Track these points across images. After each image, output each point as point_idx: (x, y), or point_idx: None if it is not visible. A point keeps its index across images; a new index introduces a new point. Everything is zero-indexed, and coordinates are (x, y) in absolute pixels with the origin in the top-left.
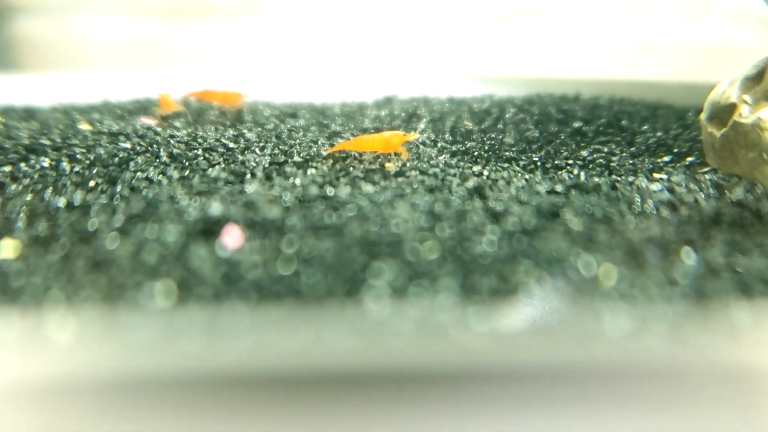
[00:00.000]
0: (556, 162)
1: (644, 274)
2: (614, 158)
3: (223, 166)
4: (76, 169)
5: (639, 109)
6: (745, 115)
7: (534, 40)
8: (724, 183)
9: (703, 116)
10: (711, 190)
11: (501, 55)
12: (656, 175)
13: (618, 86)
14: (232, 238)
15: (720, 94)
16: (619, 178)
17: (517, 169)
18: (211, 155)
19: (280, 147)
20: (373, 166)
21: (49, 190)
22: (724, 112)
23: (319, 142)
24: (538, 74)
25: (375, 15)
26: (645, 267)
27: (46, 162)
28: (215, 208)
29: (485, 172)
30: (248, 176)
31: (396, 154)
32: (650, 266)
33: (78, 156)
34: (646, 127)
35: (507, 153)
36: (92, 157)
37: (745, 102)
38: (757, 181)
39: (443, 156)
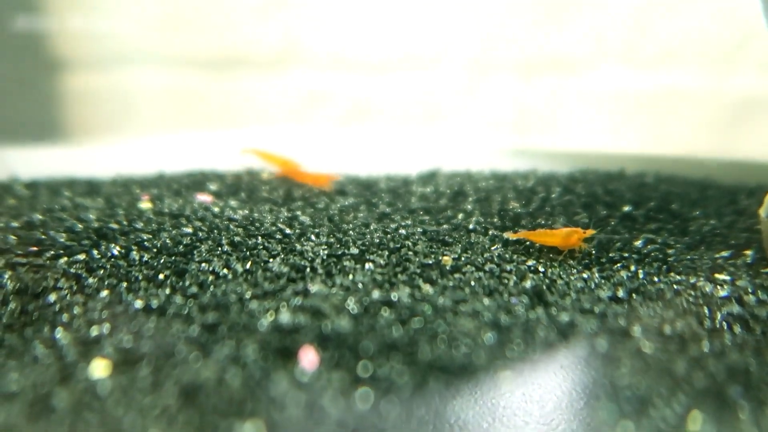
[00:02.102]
0: (610, 254)
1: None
2: (670, 251)
3: (282, 256)
4: (145, 258)
5: (688, 189)
6: None
7: (567, 107)
8: None
9: (762, 212)
10: None
11: (533, 124)
12: (718, 276)
13: (661, 162)
14: (309, 361)
15: None
16: (679, 278)
17: (572, 263)
18: (269, 243)
19: (335, 234)
20: (428, 260)
21: (124, 285)
22: None
23: (371, 227)
24: (576, 147)
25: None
26: (735, 411)
27: (116, 250)
28: (285, 316)
29: (540, 268)
30: (308, 271)
31: (576, 251)
32: (741, 409)
33: (145, 243)
34: (697, 213)
35: None
36: (159, 244)
37: None
38: None
39: (496, 246)
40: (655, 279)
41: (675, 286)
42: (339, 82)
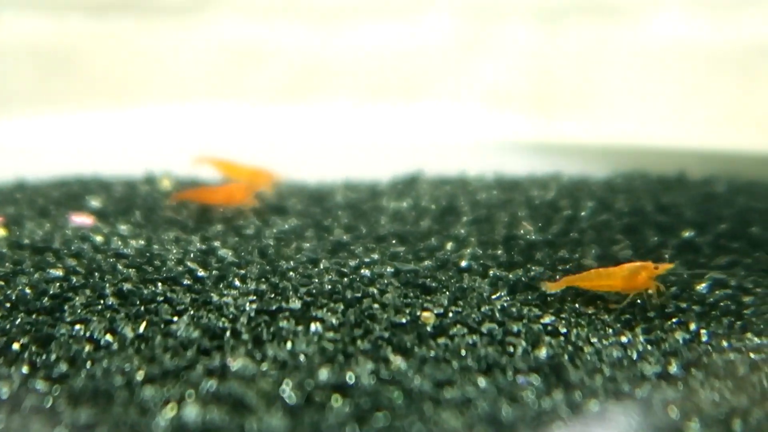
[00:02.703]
0: (663, 303)
1: None
2: (747, 299)
3: (192, 313)
4: None
5: None
6: None
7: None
8: None
9: None
10: None
11: (563, 105)
12: None
13: (740, 160)
14: None
15: None
16: (759, 342)
17: (606, 318)
18: (174, 292)
19: (269, 277)
20: (401, 318)
21: None
22: None
23: (321, 265)
24: (618, 135)
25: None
26: None
27: None
28: (191, 411)
29: (561, 328)
30: (229, 337)
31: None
32: None
33: None
34: None
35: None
36: (13, 296)
37: None
38: None
39: (499, 294)
40: (724, 343)
41: (752, 355)
42: (278, 35)
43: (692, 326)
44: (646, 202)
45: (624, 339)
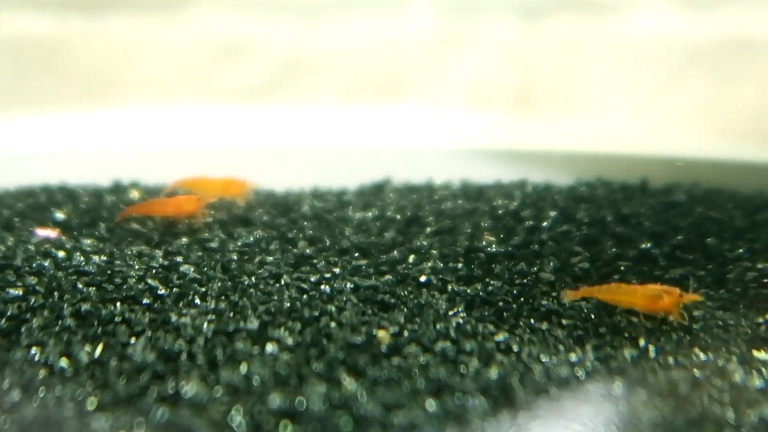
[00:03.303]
0: (614, 320)
1: None
2: (696, 314)
3: (149, 334)
4: None
5: (732, 212)
6: None
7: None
8: None
9: None
10: None
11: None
12: (757, 354)
13: (701, 168)
14: None
15: None
16: (704, 358)
17: (559, 334)
18: (133, 311)
19: (229, 294)
20: (357, 337)
21: None
22: None
23: (283, 281)
24: (587, 148)
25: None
26: None
27: None
28: None
29: (513, 345)
30: (184, 360)
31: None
32: None
33: None
34: (742, 251)
35: (544, 302)
36: None
37: None
38: None
39: (456, 310)
40: (670, 360)
41: (696, 372)
42: (256, 31)
43: (641, 341)
44: (606, 211)
45: (573, 356)
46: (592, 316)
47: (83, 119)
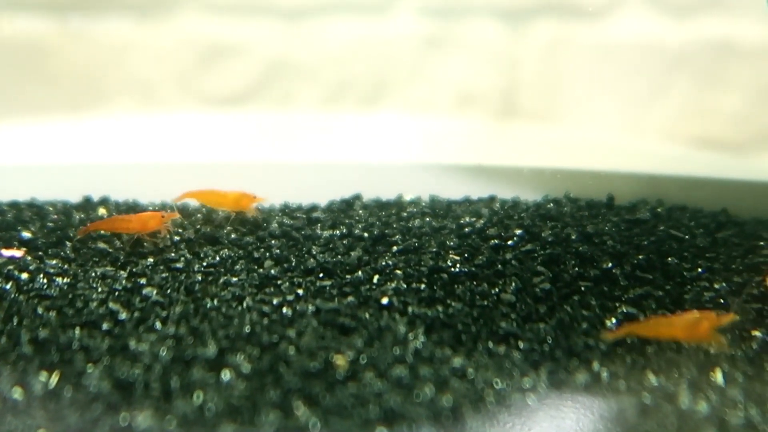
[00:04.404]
0: (570, 342)
1: None
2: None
3: (106, 362)
4: None
5: (694, 231)
6: None
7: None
8: None
9: None
10: None
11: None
12: (712, 376)
13: (667, 184)
14: None
15: None
16: (656, 383)
17: (516, 357)
18: (92, 337)
19: (190, 319)
20: (314, 363)
21: None
22: None
23: (245, 303)
24: (556, 163)
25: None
26: None
27: None
28: None
29: (470, 369)
30: (139, 390)
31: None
32: None
33: None
34: (701, 270)
35: (503, 324)
36: None
37: None
38: None
39: (415, 333)
40: (620, 385)
41: (646, 397)
42: (240, 34)
43: (595, 365)
44: (571, 229)
45: (527, 380)
46: (548, 343)
47: (64, 128)
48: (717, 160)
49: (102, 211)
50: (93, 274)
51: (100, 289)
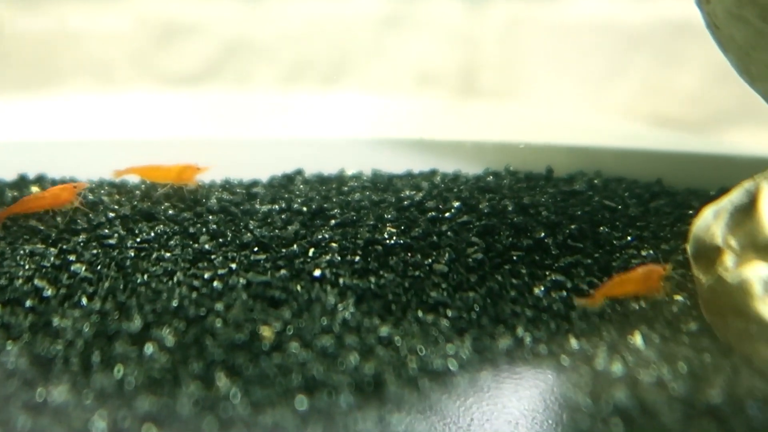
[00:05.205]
0: (498, 310)
1: None
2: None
3: (27, 339)
4: None
5: (627, 201)
6: (730, 267)
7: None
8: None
9: (689, 249)
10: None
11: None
12: (631, 339)
13: (606, 156)
14: None
15: (705, 228)
16: (577, 346)
17: (444, 325)
18: (14, 315)
19: (117, 294)
20: (240, 335)
21: None
22: (711, 252)
23: (176, 278)
24: (499, 138)
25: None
26: None
27: None
28: None
29: (396, 337)
30: (58, 366)
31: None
32: None
33: None
34: (630, 239)
35: (433, 294)
36: None
37: (731, 248)
38: (750, 358)
39: (344, 304)
40: (542, 349)
41: (564, 359)
42: (198, 12)
43: (519, 331)
44: (508, 201)
45: (452, 347)
46: (476, 311)
47: (14, 107)
48: (675, 138)
49: (34, 189)
50: (21, 252)
51: (27, 267)
